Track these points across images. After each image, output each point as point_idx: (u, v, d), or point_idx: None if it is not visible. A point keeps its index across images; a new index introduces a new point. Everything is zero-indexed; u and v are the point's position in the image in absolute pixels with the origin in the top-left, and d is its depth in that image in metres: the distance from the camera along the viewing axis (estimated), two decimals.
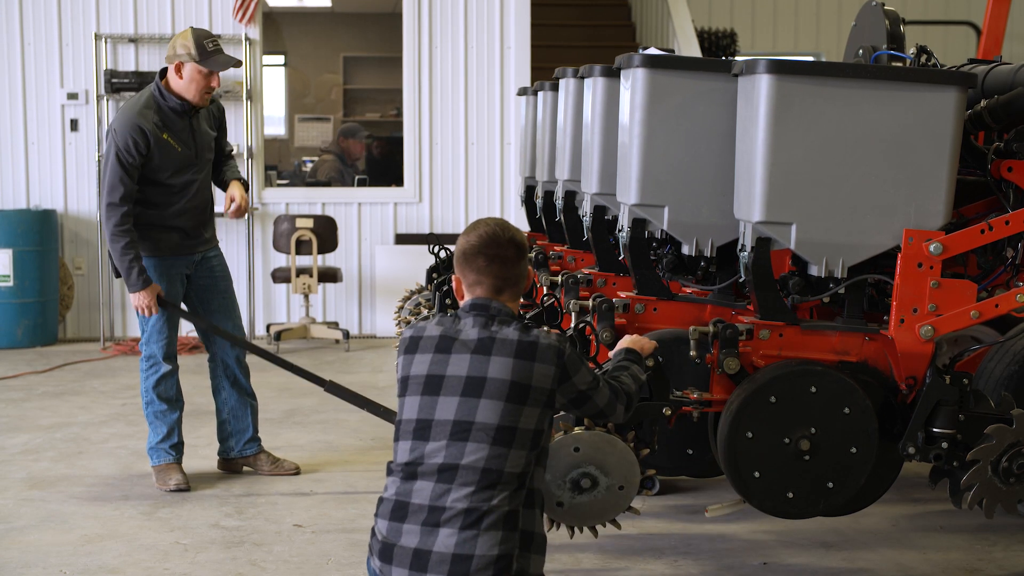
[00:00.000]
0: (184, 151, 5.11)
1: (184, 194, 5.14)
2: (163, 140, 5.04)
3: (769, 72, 3.66)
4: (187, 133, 5.13)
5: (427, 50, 9.39)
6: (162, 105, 5.07)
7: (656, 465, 4.01)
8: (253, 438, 5.38)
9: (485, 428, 2.99)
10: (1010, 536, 4.59)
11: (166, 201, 5.11)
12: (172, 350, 5.21)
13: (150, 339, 5.17)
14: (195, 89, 5.07)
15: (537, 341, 3.08)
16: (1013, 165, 4.12)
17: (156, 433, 5.22)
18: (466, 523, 2.93)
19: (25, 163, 9.31)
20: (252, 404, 5.40)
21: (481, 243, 3.17)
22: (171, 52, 5.07)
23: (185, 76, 5.05)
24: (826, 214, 3.73)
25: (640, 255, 4.36)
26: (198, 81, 5.05)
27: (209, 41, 5.07)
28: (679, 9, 10.42)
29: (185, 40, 5.05)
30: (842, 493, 3.82)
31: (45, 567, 4.24)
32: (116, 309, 9.34)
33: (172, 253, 5.16)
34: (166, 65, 5.10)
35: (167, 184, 5.09)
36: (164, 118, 5.06)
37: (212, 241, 5.33)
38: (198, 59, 5.02)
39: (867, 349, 3.93)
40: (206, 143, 5.23)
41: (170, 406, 5.22)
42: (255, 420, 5.41)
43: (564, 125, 5.19)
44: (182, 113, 5.09)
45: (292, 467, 5.40)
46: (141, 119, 5.00)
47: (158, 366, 5.18)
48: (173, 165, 5.08)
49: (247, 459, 5.39)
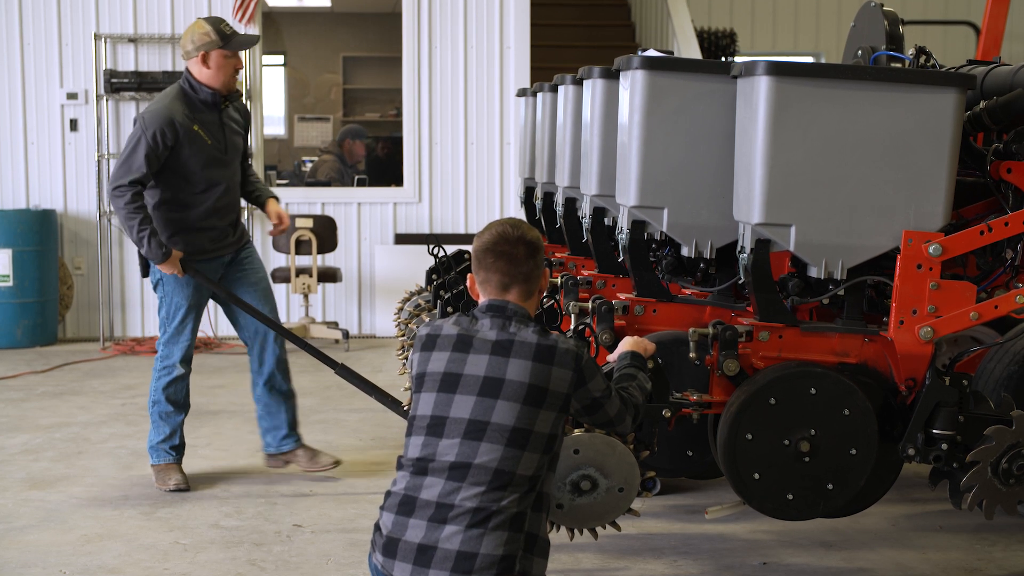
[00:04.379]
0: (214, 144, 5.10)
1: (212, 192, 5.11)
2: (193, 132, 5.03)
3: (768, 74, 3.67)
4: (216, 126, 5.12)
5: (427, 50, 9.40)
6: (192, 97, 5.08)
7: (656, 467, 4.01)
8: (289, 434, 5.35)
9: (500, 429, 3.00)
10: (1010, 536, 4.60)
11: (195, 201, 5.09)
12: (190, 354, 5.20)
13: (170, 340, 5.17)
14: (224, 75, 5.08)
15: (556, 345, 3.09)
16: (1012, 166, 4.12)
17: (158, 433, 5.22)
18: (473, 522, 2.94)
19: (25, 163, 9.31)
20: (288, 402, 5.35)
21: (491, 241, 3.19)
22: (191, 46, 5.06)
23: (212, 64, 5.05)
24: (825, 216, 3.74)
25: (639, 257, 4.36)
26: (225, 66, 5.07)
27: (224, 26, 5.10)
28: (679, 9, 10.42)
29: (202, 29, 5.06)
30: (842, 494, 3.82)
31: (44, 567, 4.24)
32: (116, 309, 9.34)
33: (202, 256, 5.14)
34: (187, 63, 5.10)
35: (196, 182, 5.07)
36: (195, 110, 5.06)
37: (243, 240, 5.29)
38: (221, 44, 5.03)
39: (867, 350, 3.93)
40: (235, 140, 5.22)
41: (176, 409, 5.21)
42: (290, 416, 5.35)
43: (563, 130, 5.18)
44: (212, 105, 5.09)
45: (330, 462, 5.34)
46: (172, 110, 5.01)
47: (173, 368, 5.17)
48: (202, 158, 5.06)
49: (286, 455, 5.37)
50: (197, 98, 5.08)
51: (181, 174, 5.05)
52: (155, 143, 4.94)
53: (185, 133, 5.00)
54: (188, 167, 5.05)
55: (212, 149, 5.09)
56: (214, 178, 5.11)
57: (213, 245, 5.17)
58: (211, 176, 5.10)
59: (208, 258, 5.17)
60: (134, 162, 4.94)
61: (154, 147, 4.94)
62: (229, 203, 5.21)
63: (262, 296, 5.28)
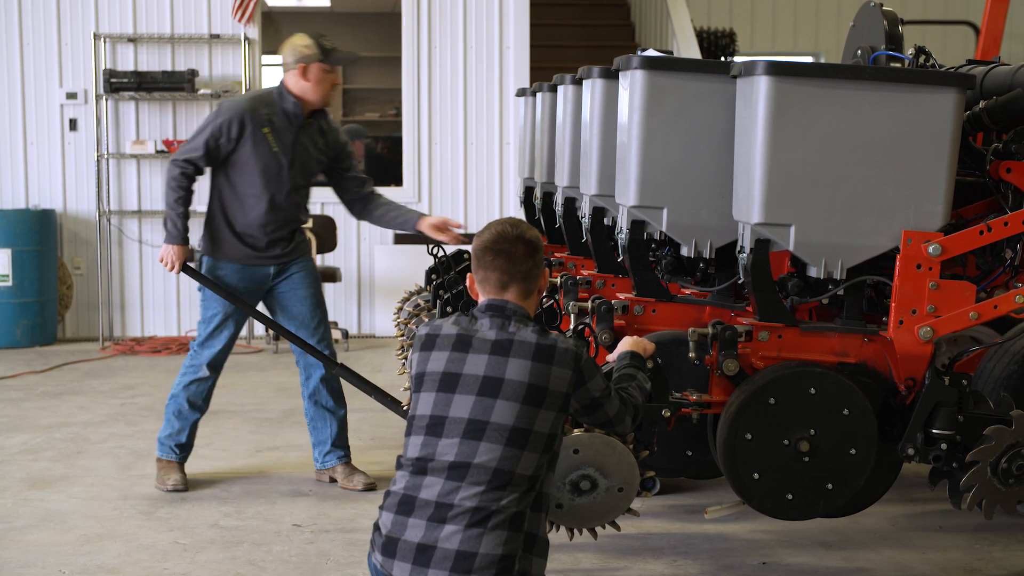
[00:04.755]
0: (279, 154, 5.04)
1: (262, 204, 5.05)
2: (260, 133, 5.01)
3: (767, 74, 3.66)
4: (289, 140, 5.07)
5: (426, 50, 9.40)
6: (277, 103, 5.07)
7: (656, 466, 4.01)
8: (331, 450, 5.29)
9: (500, 429, 3.00)
10: (1009, 536, 4.60)
11: (244, 206, 5.06)
12: (219, 360, 5.17)
13: (203, 343, 5.16)
14: (322, 89, 5.06)
15: (555, 345, 3.09)
16: (1012, 166, 4.12)
17: (168, 427, 5.22)
18: (472, 521, 2.94)
19: (24, 163, 9.31)
20: (334, 417, 5.29)
21: (491, 239, 3.20)
22: (291, 58, 5.04)
23: (312, 77, 5.03)
24: (825, 215, 3.73)
25: (639, 257, 4.35)
26: (324, 80, 5.05)
27: (325, 40, 5.08)
28: (678, 9, 10.42)
29: (304, 42, 5.05)
30: (841, 494, 3.82)
31: (44, 567, 4.24)
32: (115, 309, 9.34)
33: (243, 261, 5.12)
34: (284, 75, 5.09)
35: (249, 184, 5.03)
36: (274, 115, 5.05)
37: (293, 254, 5.20)
38: (322, 58, 5.02)
39: (866, 350, 3.93)
40: (307, 162, 5.14)
41: (191, 408, 5.20)
42: (336, 432, 5.29)
43: (563, 130, 5.18)
44: (292, 117, 5.06)
45: (363, 483, 5.22)
46: (249, 106, 5.02)
47: (199, 369, 5.16)
48: (261, 163, 5.02)
49: (329, 471, 5.32)
50: (280, 106, 5.06)
51: (238, 172, 5.05)
52: (219, 131, 4.99)
53: (252, 132, 5.00)
54: (246, 168, 5.03)
55: (274, 158, 5.04)
56: (269, 188, 5.05)
57: (252, 254, 5.12)
58: (267, 185, 5.05)
59: (249, 264, 5.13)
60: (195, 142, 5.02)
61: (217, 135, 4.98)
62: (279, 221, 5.11)
63: (309, 308, 5.22)
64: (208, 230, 5.14)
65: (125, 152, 9.23)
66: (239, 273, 5.13)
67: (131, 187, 9.32)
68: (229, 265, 5.12)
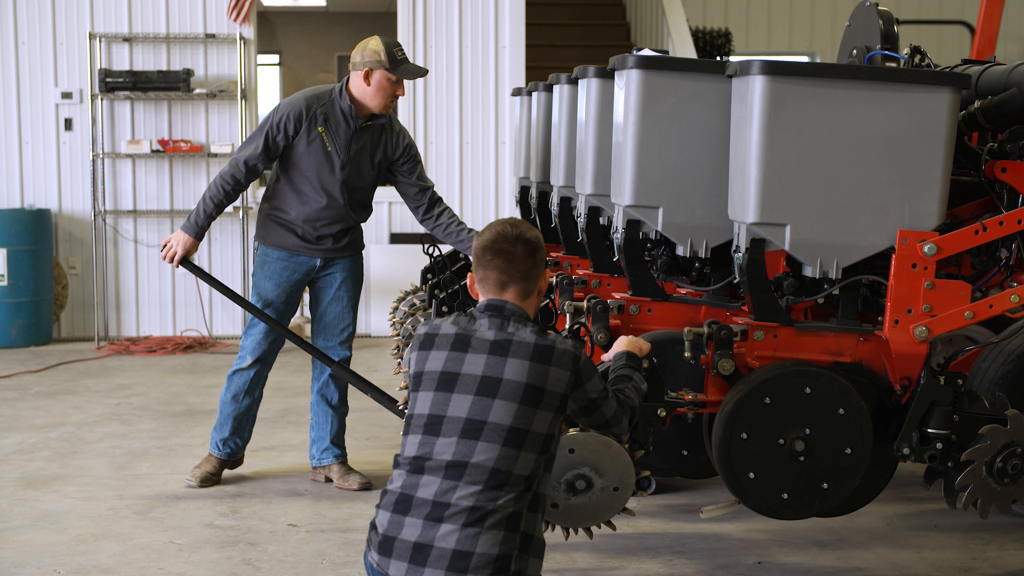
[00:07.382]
0: (333, 153, 5.05)
1: (315, 202, 5.08)
2: (316, 132, 5.03)
3: (763, 73, 3.67)
4: (345, 140, 5.07)
5: (422, 49, 9.39)
6: (335, 103, 5.06)
7: (651, 466, 4.01)
8: (328, 448, 5.31)
9: (497, 428, 3.00)
10: (1004, 535, 4.61)
11: (298, 200, 5.10)
12: (260, 351, 5.17)
13: (246, 332, 5.22)
14: (382, 97, 5.03)
15: (554, 345, 3.09)
16: (1007, 166, 4.13)
17: (217, 421, 5.27)
18: (469, 521, 2.94)
19: (19, 162, 9.30)
20: (335, 416, 5.32)
21: (491, 239, 3.21)
22: (359, 59, 5.03)
23: (373, 83, 5.01)
24: (820, 215, 3.74)
25: (635, 256, 4.36)
26: (386, 89, 5.02)
27: (398, 50, 5.04)
28: (674, 8, 10.43)
29: (375, 47, 5.02)
30: (837, 494, 3.82)
31: (39, 567, 4.23)
32: (110, 309, 9.33)
33: (291, 250, 5.14)
34: (350, 74, 5.08)
35: (304, 181, 5.07)
36: (331, 115, 5.05)
37: (343, 251, 5.22)
38: (388, 67, 4.99)
39: (861, 350, 3.94)
40: (362, 165, 5.14)
41: (231, 399, 5.23)
42: (335, 431, 5.31)
43: (558, 130, 5.18)
44: (349, 119, 5.05)
45: (357, 482, 5.23)
46: (307, 104, 5.04)
47: (242, 359, 5.20)
48: (316, 162, 5.04)
49: (324, 468, 5.34)
50: (338, 105, 5.06)
51: (293, 168, 5.08)
52: (276, 129, 5.02)
53: (307, 129, 5.02)
54: (300, 164, 5.06)
55: (328, 157, 5.05)
56: (322, 186, 5.07)
57: (301, 244, 5.16)
58: (320, 182, 5.07)
59: (297, 253, 5.16)
60: (253, 141, 5.06)
61: (274, 133, 5.02)
62: (330, 218, 5.13)
63: (340, 308, 5.25)
64: (262, 217, 5.21)
65: (120, 152, 9.22)
66: (285, 261, 5.17)
67: (126, 187, 9.31)
68: (278, 252, 5.16)
